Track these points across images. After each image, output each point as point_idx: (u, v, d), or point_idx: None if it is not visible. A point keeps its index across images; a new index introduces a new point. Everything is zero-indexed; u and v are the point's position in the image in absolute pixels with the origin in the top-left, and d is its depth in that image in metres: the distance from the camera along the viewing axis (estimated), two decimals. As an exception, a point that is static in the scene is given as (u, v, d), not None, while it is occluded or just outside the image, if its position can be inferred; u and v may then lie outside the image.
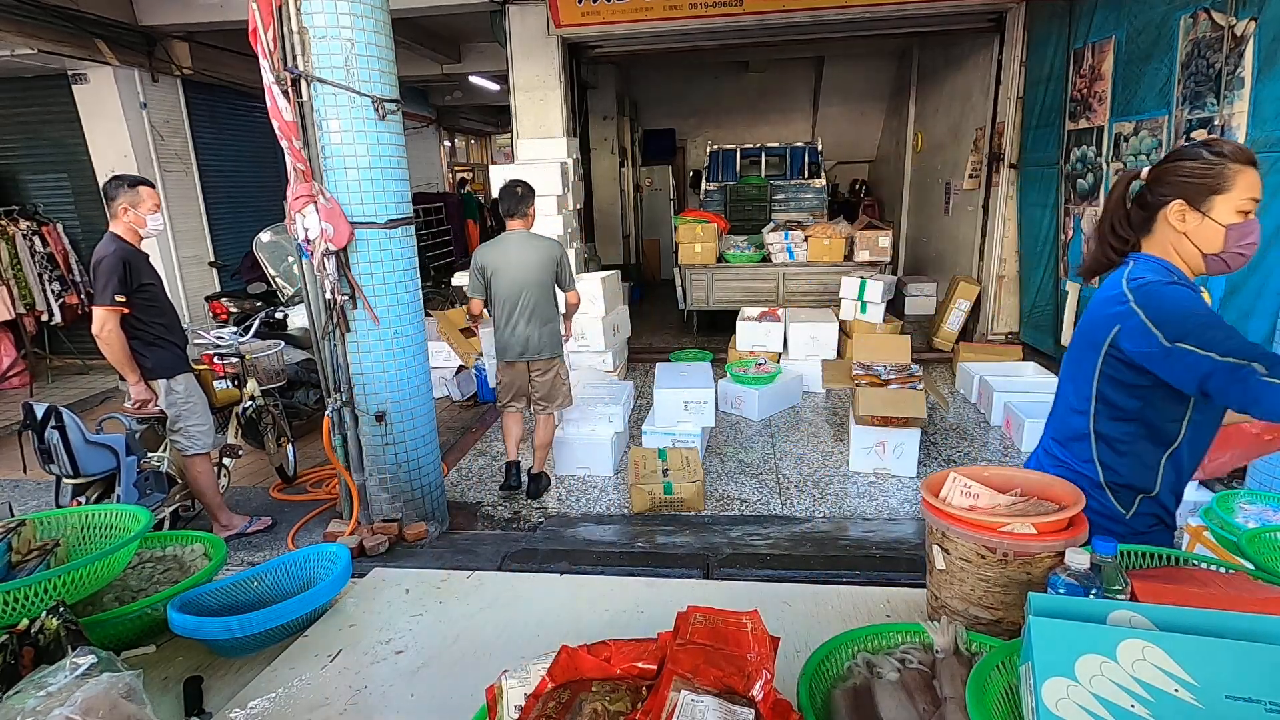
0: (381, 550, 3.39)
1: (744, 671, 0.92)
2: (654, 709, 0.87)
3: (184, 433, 3.43)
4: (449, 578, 1.53)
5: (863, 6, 5.96)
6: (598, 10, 6.22)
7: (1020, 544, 1.07)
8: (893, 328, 6.18)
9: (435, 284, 9.24)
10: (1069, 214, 5.60)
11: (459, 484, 4.33)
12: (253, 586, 1.44)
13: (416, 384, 3.47)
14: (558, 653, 0.98)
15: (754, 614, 1.01)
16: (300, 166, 3.07)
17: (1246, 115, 3.75)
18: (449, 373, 5.86)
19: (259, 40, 2.96)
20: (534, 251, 3.76)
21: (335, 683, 1.19)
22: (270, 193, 7.89)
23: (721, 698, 0.88)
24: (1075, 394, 1.55)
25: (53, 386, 6.64)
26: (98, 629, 1.25)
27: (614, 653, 0.99)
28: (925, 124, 9.25)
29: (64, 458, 3.09)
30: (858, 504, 3.88)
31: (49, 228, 6.65)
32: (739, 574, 3.13)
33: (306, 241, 3.12)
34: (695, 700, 0.87)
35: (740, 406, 5.28)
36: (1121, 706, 0.77)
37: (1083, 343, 1.52)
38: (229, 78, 7.35)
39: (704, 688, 0.89)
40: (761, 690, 0.89)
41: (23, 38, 5.42)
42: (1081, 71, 5.35)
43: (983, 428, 4.90)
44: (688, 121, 12.30)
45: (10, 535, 1.30)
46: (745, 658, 0.93)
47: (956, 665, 1.01)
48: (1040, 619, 0.84)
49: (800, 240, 7.20)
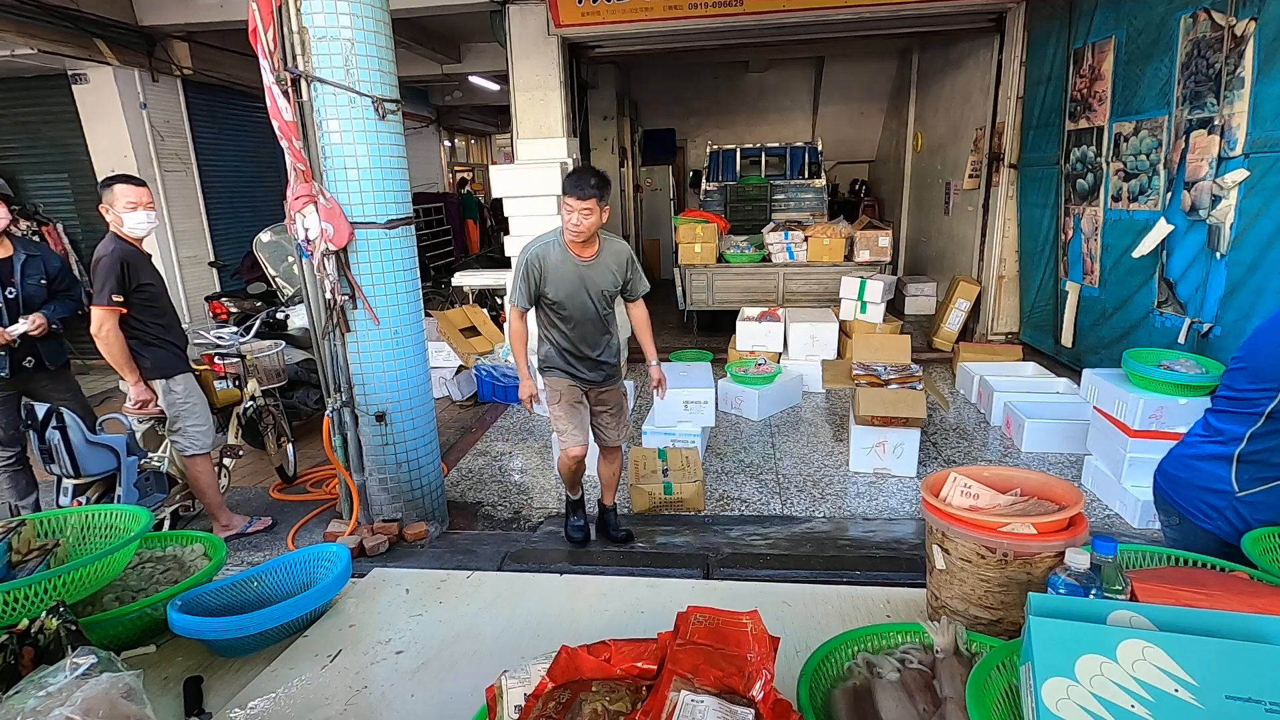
0: (381, 550, 3.39)
1: (744, 672, 0.92)
2: (654, 709, 0.87)
3: (183, 433, 3.42)
4: (449, 578, 1.53)
5: (863, 6, 5.96)
6: (598, 10, 6.22)
7: (1020, 544, 1.07)
8: (893, 328, 6.18)
9: (435, 284, 9.25)
10: (1069, 214, 5.60)
11: (459, 484, 4.33)
12: (253, 586, 1.44)
13: (416, 384, 3.47)
14: (558, 653, 0.98)
15: (754, 614, 1.01)
16: (300, 166, 3.07)
17: (1246, 115, 3.75)
18: (449, 373, 5.86)
19: (259, 40, 2.96)
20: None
21: (335, 683, 1.19)
22: (270, 193, 7.89)
23: (721, 698, 0.88)
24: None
25: (53, 386, 6.63)
26: (98, 629, 1.25)
27: (614, 653, 0.99)
28: (925, 124, 9.25)
29: (65, 458, 3.09)
30: (858, 504, 3.88)
31: (49, 228, 6.64)
32: (739, 574, 3.13)
33: (306, 241, 3.12)
34: (695, 700, 0.87)
35: (740, 406, 5.28)
36: (1121, 707, 0.77)
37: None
38: (229, 78, 7.35)
39: (704, 688, 0.89)
40: (761, 690, 0.89)
41: (23, 38, 5.42)
42: (1081, 71, 5.34)
43: (983, 428, 4.90)
44: (688, 121, 12.30)
45: (10, 535, 1.30)
46: (745, 658, 0.94)
47: (956, 665, 1.01)
48: (1040, 619, 0.84)
49: (800, 240, 7.19)
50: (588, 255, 2.97)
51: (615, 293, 3.09)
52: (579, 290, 2.98)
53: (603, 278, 3.01)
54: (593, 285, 2.98)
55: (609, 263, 3.02)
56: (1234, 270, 3.84)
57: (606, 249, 3.02)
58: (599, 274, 2.99)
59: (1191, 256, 4.20)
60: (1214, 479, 1.56)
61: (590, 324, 3.06)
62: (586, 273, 2.96)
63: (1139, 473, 3.51)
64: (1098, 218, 5.20)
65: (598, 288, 3.00)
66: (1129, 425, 3.48)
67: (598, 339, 3.10)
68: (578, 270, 2.95)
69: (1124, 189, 4.88)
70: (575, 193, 2.81)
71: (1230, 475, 1.53)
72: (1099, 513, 3.64)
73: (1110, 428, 3.66)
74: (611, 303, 3.11)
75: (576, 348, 3.09)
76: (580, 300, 3.00)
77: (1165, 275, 4.46)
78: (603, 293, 3.03)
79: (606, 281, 3.02)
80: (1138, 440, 3.46)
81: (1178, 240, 4.31)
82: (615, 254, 3.06)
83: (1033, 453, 4.39)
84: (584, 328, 3.05)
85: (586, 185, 2.80)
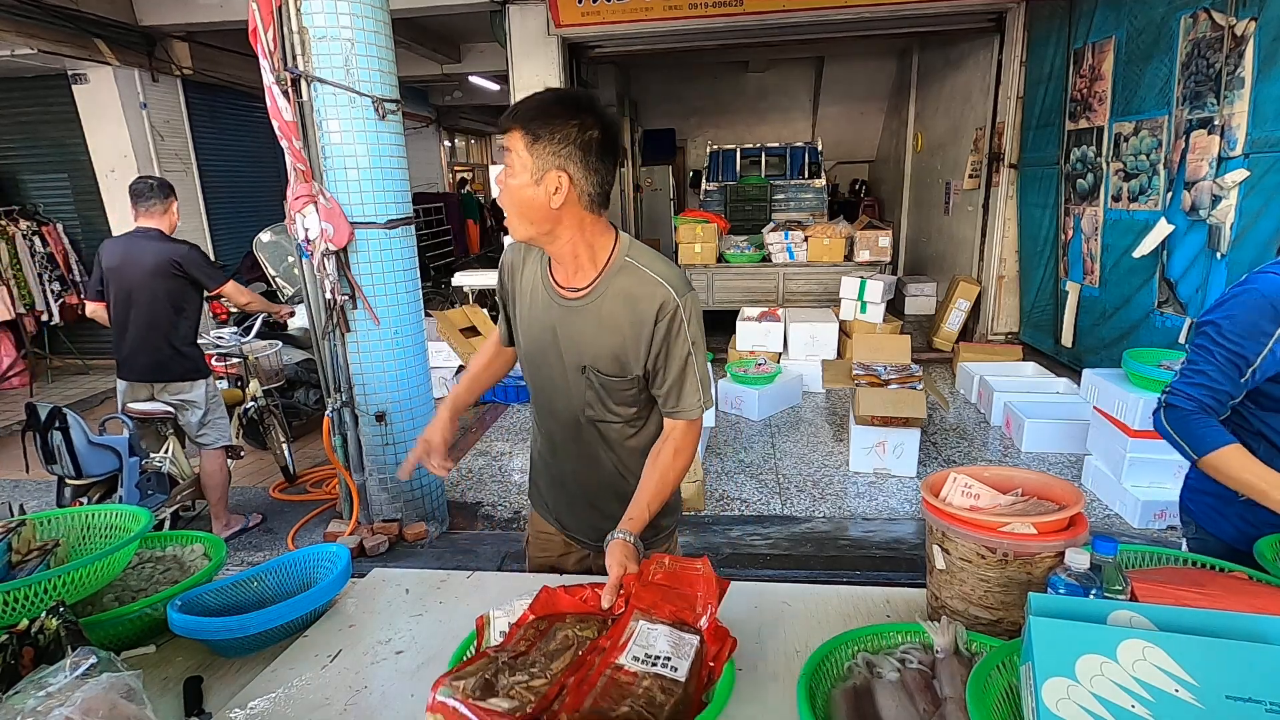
0: (381, 550, 3.39)
1: (694, 607, 1.11)
2: (615, 634, 1.07)
3: (213, 425, 3.54)
4: (449, 578, 1.53)
5: (863, 6, 5.96)
6: (598, 10, 6.22)
7: (1020, 544, 1.07)
8: (893, 328, 6.18)
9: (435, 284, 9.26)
10: (1069, 214, 5.60)
11: (459, 484, 4.33)
12: (253, 586, 1.44)
13: (416, 384, 3.47)
14: (539, 591, 1.18)
15: (704, 560, 1.19)
16: (300, 166, 3.07)
17: (1246, 115, 3.75)
18: (449, 373, 5.85)
19: (259, 40, 2.96)
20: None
21: (335, 683, 1.19)
22: (270, 193, 7.88)
23: (674, 627, 1.07)
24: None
25: (53, 386, 6.63)
26: (98, 629, 1.25)
27: (589, 594, 1.18)
28: (925, 124, 9.25)
29: (67, 459, 3.09)
30: (858, 504, 3.88)
31: (49, 228, 6.65)
32: (739, 574, 3.11)
33: (306, 241, 3.12)
34: (651, 628, 1.07)
35: (740, 406, 5.28)
36: (1122, 706, 0.77)
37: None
38: (229, 78, 7.35)
39: (660, 619, 1.09)
40: (706, 621, 1.09)
41: (23, 38, 5.42)
42: (1081, 71, 5.34)
43: (983, 428, 4.90)
44: (688, 121, 12.30)
45: (10, 535, 1.30)
46: (696, 595, 1.12)
47: (956, 665, 1.01)
48: (1040, 619, 0.84)
49: (800, 240, 7.20)
50: (574, 286, 1.38)
51: (631, 380, 1.39)
52: (547, 347, 1.44)
53: (593, 337, 1.38)
54: (569, 345, 1.40)
55: (620, 313, 1.35)
56: (1234, 270, 3.84)
57: (619, 285, 1.35)
58: (586, 327, 1.38)
59: (1192, 256, 4.20)
60: (1213, 482, 1.57)
61: (564, 419, 1.49)
62: (565, 320, 1.39)
63: (1139, 473, 3.51)
64: (1098, 218, 5.20)
65: (579, 355, 1.40)
66: (1129, 425, 3.48)
67: (581, 455, 1.51)
68: (551, 309, 1.41)
69: (1124, 189, 4.88)
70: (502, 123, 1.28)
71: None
72: (1099, 513, 3.64)
73: (1110, 428, 3.66)
74: (628, 399, 1.43)
75: (546, 457, 1.60)
76: (546, 366, 1.46)
77: (1166, 275, 4.46)
78: (587, 369, 1.40)
79: (599, 347, 1.38)
80: (1138, 440, 3.46)
81: (1178, 240, 4.31)
82: (635, 301, 1.34)
83: (1033, 453, 4.39)
84: (553, 422, 1.52)
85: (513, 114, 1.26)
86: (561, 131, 1.22)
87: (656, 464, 1.40)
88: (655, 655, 1.02)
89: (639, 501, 1.36)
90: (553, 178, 1.24)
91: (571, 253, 1.34)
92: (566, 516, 1.62)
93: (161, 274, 3.26)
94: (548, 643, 1.07)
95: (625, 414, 1.45)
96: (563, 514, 1.62)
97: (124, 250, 3.27)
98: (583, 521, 1.58)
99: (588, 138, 1.23)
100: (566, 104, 1.24)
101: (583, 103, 1.26)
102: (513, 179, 1.26)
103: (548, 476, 1.62)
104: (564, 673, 1.01)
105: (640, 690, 0.97)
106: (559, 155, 1.23)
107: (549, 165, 1.23)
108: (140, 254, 3.25)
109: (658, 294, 1.32)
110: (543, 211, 1.27)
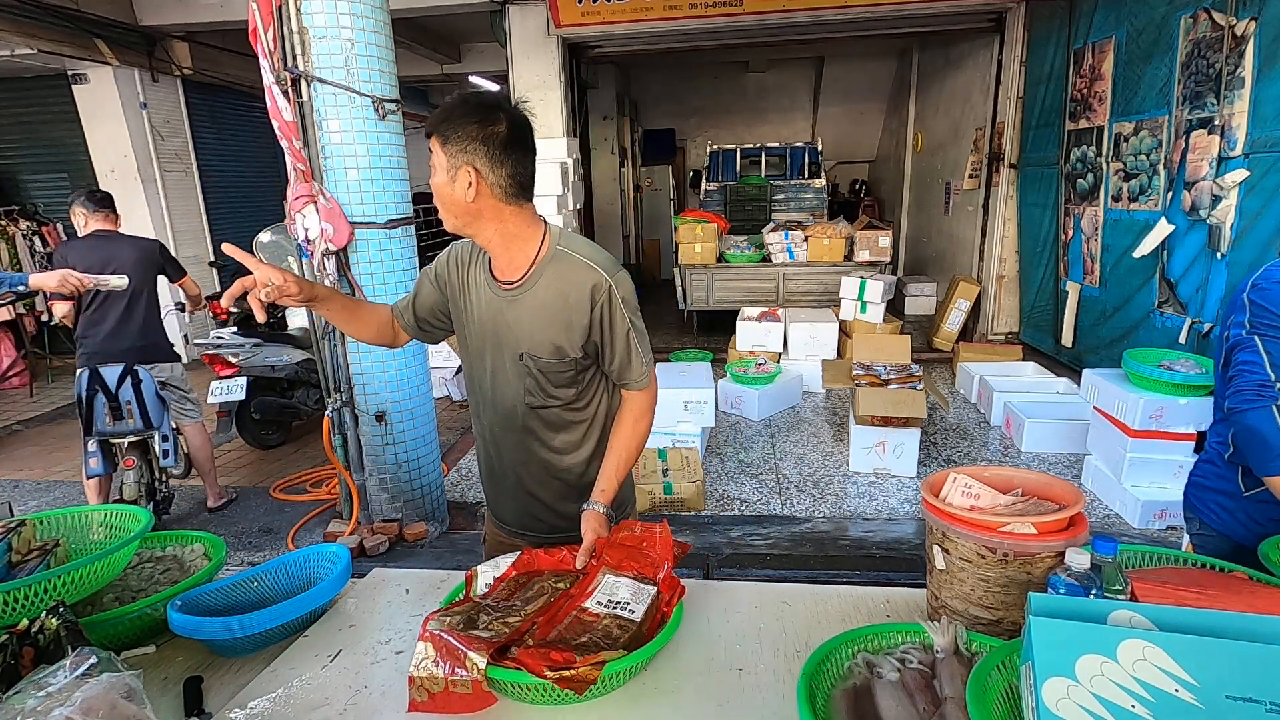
0: (381, 550, 3.39)
1: (655, 564, 1.29)
2: (584, 584, 1.28)
3: (192, 400, 3.81)
4: (449, 578, 1.53)
5: (863, 6, 5.96)
6: (598, 10, 6.22)
7: (1020, 544, 1.07)
8: (893, 328, 6.18)
9: (435, 284, 9.23)
10: (1069, 214, 5.60)
11: (459, 484, 4.33)
12: (253, 586, 1.44)
13: (416, 384, 3.47)
14: (520, 552, 1.40)
15: (663, 524, 1.36)
16: (300, 166, 3.07)
17: (1246, 115, 3.75)
18: (449, 373, 5.85)
19: (259, 40, 2.96)
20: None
21: (335, 683, 1.19)
22: (270, 193, 7.89)
23: (635, 580, 1.26)
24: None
25: (53, 386, 6.63)
26: (98, 629, 1.25)
27: (566, 555, 1.38)
28: (925, 124, 9.25)
29: (138, 414, 3.39)
30: (858, 504, 3.88)
31: (49, 228, 6.65)
32: (739, 574, 3.13)
33: (306, 241, 3.12)
34: (616, 580, 1.27)
35: (740, 406, 5.28)
36: (1122, 706, 0.77)
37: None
38: (229, 78, 7.35)
39: (624, 574, 1.28)
40: (662, 575, 1.27)
41: (23, 38, 5.42)
42: (1081, 71, 5.34)
43: (983, 428, 4.90)
44: (688, 121, 12.29)
45: (10, 535, 1.30)
46: (656, 554, 1.31)
47: (956, 665, 1.01)
48: (1040, 619, 0.84)
49: (800, 240, 7.19)
50: (509, 279, 1.48)
51: (568, 362, 1.47)
52: (487, 338, 1.52)
53: (530, 325, 1.46)
54: (508, 334, 1.48)
55: (554, 300, 1.44)
56: (1234, 270, 3.84)
57: (552, 272, 1.44)
58: (523, 315, 1.46)
59: (1192, 256, 4.20)
60: (1222, 480, 1.58)
61: (504, 410, 1.55)
62: (504, 310, 1.48)
63: (1139, 473, 3.51)
64: (1098, 218, 5.20)
65: (516, 343, 1.48)
66: (1129, 425, 3.47)
67: (520, 445, 1.57)
68: (493, 303, 1.49)
69: (1124, 189, 4.88)
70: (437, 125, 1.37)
71: (1237, 476, 1.54)
72: (1099, 513, 3.64)
73: (1110, 428, 3.66)
74: (566, 380, 1.50)
75: (488, 452, 1.65)
76: (488, 358, 1.53)
77: (1166, 275, 4.46)
78: (525, 355, 1.47)
79: (536, 333, 1.46)
80: (1138, 440, 3.46)
81: (1178, 240, 4.31)
82: (569, 287, 1.43)
83: (1033, 453, 4.39)
84: (493, 414, 1.58)
85: (430, 121, 1.37)
86: (466, 130, 1.33)
87: (619, 434, 1.55)
88: (617, 600, 1.21)
89: (606, 473, 1.51)
90: (464, 174, 1.34)
91: (502, 244, 1.45)
92: (507, 511, 1.68)
93: (146, 263, 3.52)
94: (525, 592, 1.28)
95: (565, 396, 1.52)
96: (504, 509, 1.69)
97: (96, 249, 3.44)
98: (523, 512, 1.65)
99: (490, 133, 1.34)
100: (471, 106, 1.36)
101: (487, 103, 1.36)
102: (435, 178, 1.39)
103: (488, 470, 1.68)
104: (535, 613, 1.20)
105: (600, 627, 1.16)
106: (465, 152, 1.34)
107: (459, 162, 1.34)
108: (117, 249, 3.47)
109: (589, 278, 1.43)
110: (461, 205, 1.38)
